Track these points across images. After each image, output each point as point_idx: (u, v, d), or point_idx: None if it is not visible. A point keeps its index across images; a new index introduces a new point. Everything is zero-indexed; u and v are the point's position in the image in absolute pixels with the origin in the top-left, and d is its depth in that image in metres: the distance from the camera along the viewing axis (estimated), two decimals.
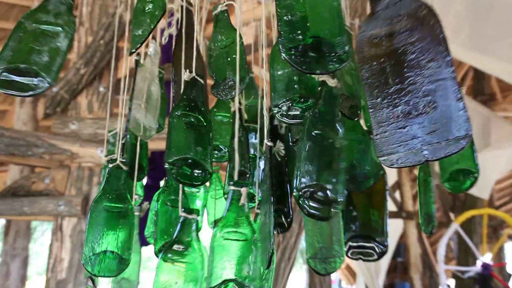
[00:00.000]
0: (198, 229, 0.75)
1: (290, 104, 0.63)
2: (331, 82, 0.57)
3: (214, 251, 0.65)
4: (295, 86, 0.63)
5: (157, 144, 1.55)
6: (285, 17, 0.48)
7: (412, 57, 0.41)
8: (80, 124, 1.70)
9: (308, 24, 0.48)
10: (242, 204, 0.68)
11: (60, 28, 0.56)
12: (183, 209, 0.71)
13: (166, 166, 0.66)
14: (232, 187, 0.68)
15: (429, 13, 0.42)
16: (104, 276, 0.81)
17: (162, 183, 1.80)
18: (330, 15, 0.49)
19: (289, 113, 0.65)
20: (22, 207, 1.59)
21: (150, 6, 0.76)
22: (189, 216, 0.69)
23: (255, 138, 0.83)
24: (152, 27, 0.74)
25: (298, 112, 0.64)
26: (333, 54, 0.48)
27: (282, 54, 0.47)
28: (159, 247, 0.79)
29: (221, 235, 0.65)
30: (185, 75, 0.70)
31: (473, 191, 3.03)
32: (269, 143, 0.69)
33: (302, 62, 0.48)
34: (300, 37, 0.48)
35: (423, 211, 0.76)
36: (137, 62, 0.86)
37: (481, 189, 3.02)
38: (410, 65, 0.41)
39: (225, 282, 0.64)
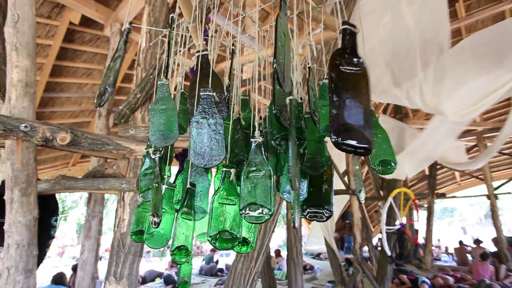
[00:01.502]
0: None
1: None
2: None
3: (212, 211, 0.81)
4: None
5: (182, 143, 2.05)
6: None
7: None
8: (136, 130, 2.09)
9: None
10: (231, 180, 0.85)
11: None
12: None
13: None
14: (224, 169, 0.86)
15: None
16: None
17: None
18: None
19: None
20: (98, 184, 2.03)
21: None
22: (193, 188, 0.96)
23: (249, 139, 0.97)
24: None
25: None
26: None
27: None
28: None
29: (217, 200, 0.83)
30: (202, 93, 0.90)
31: (394, 175, 3.87)
32: (259, 138, 0.86)
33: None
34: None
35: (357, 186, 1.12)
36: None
37: (399, 175, 3.83)
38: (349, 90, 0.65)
39: (220, 232, 0.79)
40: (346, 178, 4.44)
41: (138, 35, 3.69)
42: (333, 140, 0.65)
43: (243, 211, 0.78)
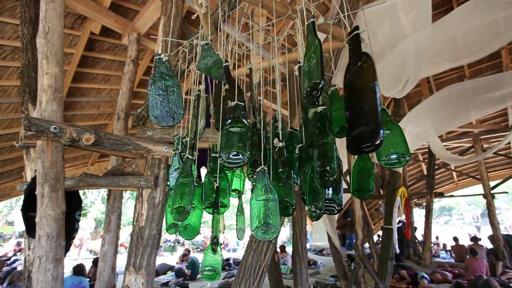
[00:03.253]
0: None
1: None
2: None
3: (251, 207, 0.90)
4: None
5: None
6: None
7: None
8: (153, 132, 2.11)
9: None
10: (266, 179, 0.94)
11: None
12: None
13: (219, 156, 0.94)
14: (260, 170, 0.94)
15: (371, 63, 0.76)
16: (176, 221, 1.14)
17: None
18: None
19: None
20: (118, 182, 2.08)
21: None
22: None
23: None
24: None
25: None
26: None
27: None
28: (206, 204, 1.18)
29: (254, 198, 0.90)
30: (231, 103, 1.00)
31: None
32: (280, 143, 0.94)
33: None
34: None
35: (357, 185, 1.00)
36: (199, 96, 1.24)
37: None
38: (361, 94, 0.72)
39: (259, 225, 0.89)
40: (348, 177, 4.44)
41: (154, 44, 3.77)
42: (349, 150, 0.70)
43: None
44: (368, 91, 0.72)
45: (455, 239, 8.25)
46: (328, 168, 0.77)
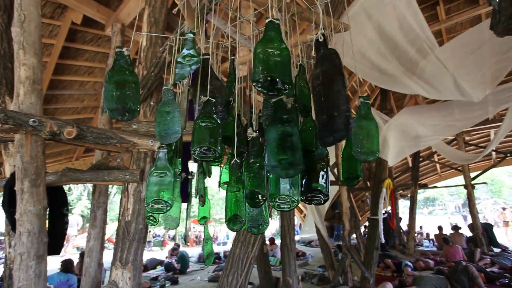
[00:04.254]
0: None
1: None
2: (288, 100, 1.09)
3: (226, 201, 1.01)
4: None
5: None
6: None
7: (330, 84, 0.72)
8: (139, 125, 2.07)
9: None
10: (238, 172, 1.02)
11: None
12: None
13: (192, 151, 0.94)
14: (234, 163, 1.03)
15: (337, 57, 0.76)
16: (156, 213, 1.16)
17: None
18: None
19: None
20: (103, 176, 2.03)
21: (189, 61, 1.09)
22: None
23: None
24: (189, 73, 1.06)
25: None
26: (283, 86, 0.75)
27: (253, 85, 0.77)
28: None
29: (228, 190, 1.01)
30: (201, 99, 0.99)
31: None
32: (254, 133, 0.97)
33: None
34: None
35: (347, 173, 1.01)
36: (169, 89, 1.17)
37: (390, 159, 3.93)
38: (330, 89, 0.71)
39: (233, 216, 1.01)
40: (335, 170, 4.51)
41: (138, 35, 3.66)
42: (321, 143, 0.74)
43: None
44: (331, 82, 0.73)
45: (440, 228, 8.57)
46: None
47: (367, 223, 5.43)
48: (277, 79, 0.72)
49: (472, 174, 7.72)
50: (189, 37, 1.02)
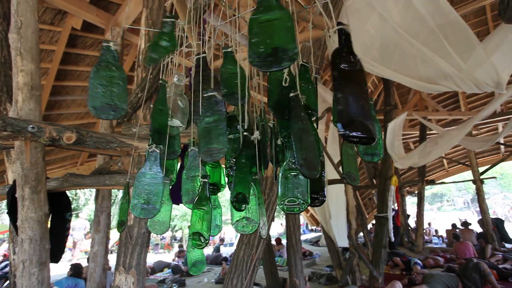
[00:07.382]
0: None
1: None
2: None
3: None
4: None
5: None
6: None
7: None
8: (139, 128, 2.06)
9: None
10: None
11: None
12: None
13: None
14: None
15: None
16: (143, 218, 1.02)
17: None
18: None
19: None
20: (105, 180, 2.03)
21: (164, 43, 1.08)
22: (205, 180, 0.93)
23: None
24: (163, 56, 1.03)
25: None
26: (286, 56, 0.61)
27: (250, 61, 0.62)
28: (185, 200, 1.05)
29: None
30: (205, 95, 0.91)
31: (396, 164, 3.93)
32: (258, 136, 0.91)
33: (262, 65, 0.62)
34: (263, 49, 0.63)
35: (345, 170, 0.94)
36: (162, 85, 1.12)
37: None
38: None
39: (240, 218, 0.92)
40: (340, 168, 4.44)
41: (137, 38, 3.66)
42: (341, 133, 0.65)
43: None
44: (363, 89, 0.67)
45: (453, 225, 8.46)
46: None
47: (373, 221, 5.35)
48: (280, 48, 0.63)
49: (481, 169, 7.57)
50: (168, 21, 0.97)
